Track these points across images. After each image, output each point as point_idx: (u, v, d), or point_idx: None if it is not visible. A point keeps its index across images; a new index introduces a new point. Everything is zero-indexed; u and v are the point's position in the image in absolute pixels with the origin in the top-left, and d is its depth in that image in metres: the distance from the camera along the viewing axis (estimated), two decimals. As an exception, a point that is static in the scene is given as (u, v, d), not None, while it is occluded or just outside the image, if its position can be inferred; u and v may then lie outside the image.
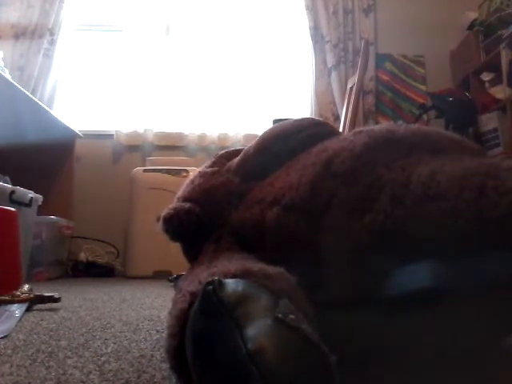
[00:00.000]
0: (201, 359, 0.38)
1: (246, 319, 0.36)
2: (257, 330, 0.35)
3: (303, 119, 0.78)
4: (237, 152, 0.81)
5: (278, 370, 0.33)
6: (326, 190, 0.54)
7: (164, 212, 0.72)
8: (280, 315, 0.37)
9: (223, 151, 0.86)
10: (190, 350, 0.39)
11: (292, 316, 0.37)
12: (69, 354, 0.67)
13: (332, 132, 0.74)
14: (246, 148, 0.78)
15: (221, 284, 0.39)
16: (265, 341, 0.34)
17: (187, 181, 0.80)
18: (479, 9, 2.70)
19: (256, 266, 0.47)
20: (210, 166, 0.80)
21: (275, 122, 0.99)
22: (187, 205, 0.71)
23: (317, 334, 0.37)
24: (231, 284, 0.40)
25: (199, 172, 0.79)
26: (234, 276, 0.44)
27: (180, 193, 0.78)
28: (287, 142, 0.72)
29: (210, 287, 0.38)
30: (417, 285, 0.42)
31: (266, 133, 0.77)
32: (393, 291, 0.44)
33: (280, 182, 0.62)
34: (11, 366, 0.60)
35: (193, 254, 0.75)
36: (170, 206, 0.73)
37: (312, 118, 0.78)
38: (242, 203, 0.67)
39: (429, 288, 0.41)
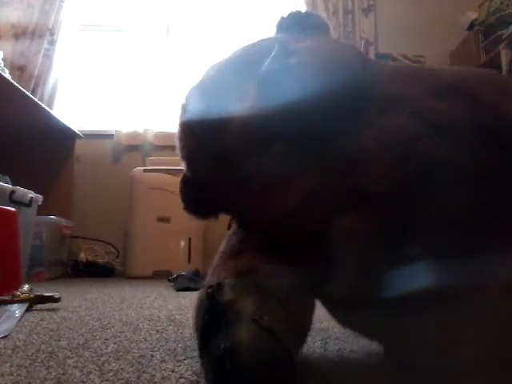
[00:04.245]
0: (201, 347, 0.47)
1: (234, 319, 0.43)
2: (237, 330, 0.42)
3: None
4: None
5: (246, 363, 0.41)
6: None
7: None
8: (256, 317, 0.43)
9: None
10: (197, 337, 0.49)
11: (266, 317, 0.44)
12: (69, 353, 0.67)
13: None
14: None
15: (218, 287, 0.46)
16: (239, 339, 0.42)
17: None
18: (479, 9, 2.70)
19: (261, 264, 0.52)
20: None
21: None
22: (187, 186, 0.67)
23: (290, 331, 0.45)
24: (227, 286, 0.47)
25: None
26: (239, 274, 0.51)
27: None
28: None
29: (210, 290, 0.46)
30: (417, 286, 0.42)
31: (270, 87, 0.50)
32: (392, 292, 0.44)
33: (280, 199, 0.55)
34: (11, 366, 0.60)
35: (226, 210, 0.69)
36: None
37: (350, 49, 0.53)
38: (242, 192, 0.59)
39: (429, 289, 0.41)
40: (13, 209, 1.45)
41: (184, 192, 0.69)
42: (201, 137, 0.60)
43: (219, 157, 0.57)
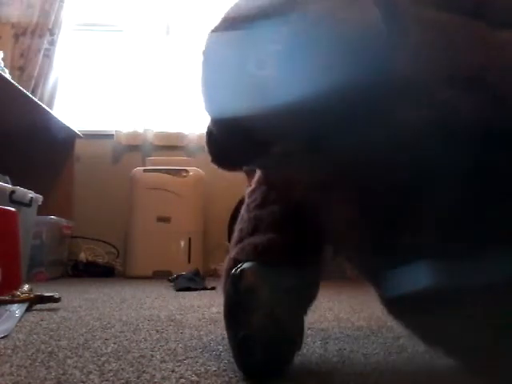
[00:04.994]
0: (227, 317, 0.59)
1: (252, 308, 0.53)
2: (253, 319, 0.53)
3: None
4: None
5: (257, 349, 0.52)
6: None
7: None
8: (269, 310, 0.53)
9: None
10: (224, 304, 0.60)
11: (277, 309, 0.53)
12: (69, 353, 0.67)
13: None
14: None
15: (241, 273, 0.56)
16: (254, 328, 0.53)
17: None
18: (479, 9, 2.70)
19: (278, 246, 0.60)
20: None
21: None
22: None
23: (295, 321, 0.57)
24: (248, 272, 0.56)
25: None
26: (259, 254, 0.60)
27: None
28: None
29: (232, 276, 0.57)
30: (417, 285, 0.42)
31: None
32: (393, 292, 0.44)
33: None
34: (11, 366, 0.60)
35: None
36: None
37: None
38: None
39: (430, 288, 0.41)
40: (13, 209, 1.45)
41: (210, 145, 0.65)
42: (216, 113, 0.61)
43: (235, 131, 0.56)
